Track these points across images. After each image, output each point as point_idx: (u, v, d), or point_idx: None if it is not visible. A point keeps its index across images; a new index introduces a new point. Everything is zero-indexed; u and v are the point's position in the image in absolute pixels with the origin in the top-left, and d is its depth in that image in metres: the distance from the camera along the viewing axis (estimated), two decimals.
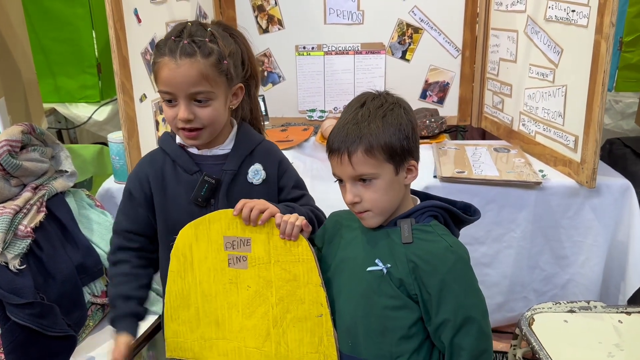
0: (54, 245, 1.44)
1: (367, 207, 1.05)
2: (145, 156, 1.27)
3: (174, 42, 1.10)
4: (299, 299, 1.10)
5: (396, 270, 1.04)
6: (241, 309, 1.13)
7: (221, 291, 1.14)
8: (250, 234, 1.09)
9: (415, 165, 1.07)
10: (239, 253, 1.11)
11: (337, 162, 1.04)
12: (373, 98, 1.07)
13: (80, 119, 2.39)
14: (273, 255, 1.10)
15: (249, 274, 1.11)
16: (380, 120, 1.02)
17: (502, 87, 2.04)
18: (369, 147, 1.01)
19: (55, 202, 1.50)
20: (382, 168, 1.03)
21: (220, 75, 1.12)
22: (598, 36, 1.49)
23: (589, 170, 1.58)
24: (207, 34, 1.12)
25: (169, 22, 1.84)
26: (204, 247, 1.13)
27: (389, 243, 1.06)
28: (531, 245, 1.73)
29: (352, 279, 1.08)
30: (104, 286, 1.55)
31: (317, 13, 2.21)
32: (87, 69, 2.34)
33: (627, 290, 1.67)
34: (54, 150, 1.59)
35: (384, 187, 1.04)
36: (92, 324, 1.52)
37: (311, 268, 1.08)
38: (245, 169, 1.21)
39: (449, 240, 1.04)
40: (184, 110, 1.11)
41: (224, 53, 1.12)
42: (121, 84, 1.57)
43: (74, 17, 2.26)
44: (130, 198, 1.23)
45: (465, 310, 1.01)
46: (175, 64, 1.09)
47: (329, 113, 2.30)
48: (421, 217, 1.08)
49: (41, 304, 1.32)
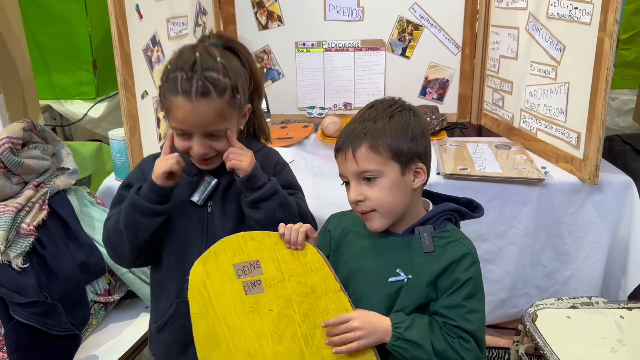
0: (56, 243, 1.43)
1: (371, 206, 1.02)
2: (149, 155, 1.25)
3: (187, 81, 1.06)
4: (324, 310, 1.06)
5: (416, 281, 1.02)
6: (269, 335, 1.09)
7: (246, 322, 1.09)
8: (257, 254, 1.07)
9: (423, 168, 1.05)
10: (251, 278, 1.07)
11: (342, 160, 1.03)
12: (383, 101, 1.06)
13: (75, 116, 2.37)
14: (285, 271, 1.06)
15: (267, 297, 1.08)
16: (387, 119, 1.02)
17: (502, 84, 2.05)
18: (374, 143, 1.00)
19: (57, 199, 1.49)
20: (386, 166, 1.01)
21: (234, 110, 1.11)
22: (602, 33, 1.50)
23: (592, 167, 1.59)
24: (219, 68, 1.08)
25: (169, 18, 1.82)
26: (217, 280, 1.09)
27: (410, 252, 1.04)
28: (533, 241, 1.74)
29: (371, 289, 1.06)
30: (107, 284, 1.55)
31: (316, 9, 2.20)
32: (82, 65, 2.32)
33: (628, 286, 1.68)
34: (55, 148, 1.58)
35: (388, 187, 1.01)
36: (95, 323, 1.51)
37: (325, 275, 1.05)
38: None
39: (467, 245, 1.04)
40: (199, 146, 1.10)
41: (236, 86, 1.10)
42: (123, 80, 1.56)
43: (69, 13, 2.24)
44: (127, 189, 1.18)
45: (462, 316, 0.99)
46: (192, 106, 1.06)
47: (328, 110, 2.29)
48: (437, 223, 1.06)
49: (45, 303, 1.32)
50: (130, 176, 1.23)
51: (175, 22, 1.86)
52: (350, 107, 2.31)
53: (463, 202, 1.11)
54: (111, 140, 1.73)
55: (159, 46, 1.75)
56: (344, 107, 2.31)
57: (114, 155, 1.74)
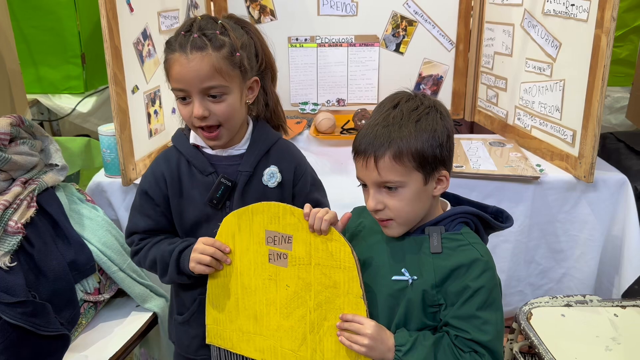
0: (45, 241, 1.40)
1: (390, 216, 0.99)
2: (159, 155, 1.22)
3: (184, 37, 1.06)
4: (338, 307, 1.05)
5: (421, 282, 0.99)
6: (279, 307, 1.10)
7: (260, 286, 1.10)
8: (292, 231, 1.05)
9: (447, 175, 1.00)
10: (279, 250, 1.07)
11: (362, 166, 0.97)
12: (407, 99, 0.99)
13: (63, 111, 2.32)
14: (314, 257, 1.05)
15: (288, 273, 1.07)
16: (413, 125, 0.95)
17: (496, 81, 2.04)
18: (398, 152, 0.94)
19: (46, 196, 1.46)
20: (410, 176, 0.96)
21: (234, 68, 1.08)
22: (598, 30, 1.49)
23: (587, 165, 1.59)
24: (217, 27, 1.08)
25: (160, 11, 1.79)
26: (246, 238, 1.09)
27: (417, 252, 1.01)
28: (528, 239, 1.73)
29: (375, 285, 1.04)
30: (97, 283, 1.52)
31: (310, 4, 2.17)
32: (70, 59, 2.28)
33: (622, 284, 1.68)
34: (43, 143, 1.55)
35: (409, 197, 0.97)
36: (84, 322, 1.48)
37: (352, 277, 1.03)
38: (261, 171, 1.17)
39: (480, 250, 0.99)
40: (198, 107, 1.07)
41: (236, 45, 1.08)
42: (113, 75, 1.53)
43: (57, 5, 2.20)
44: (147, 198, 1.19)
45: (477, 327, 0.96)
46: (187, 59, 1.05)
47: (321, 106, 2.27)
48: (451, 225, 1.02)
49: (33, 303, 1.29)
50: (145, 183, 1.20)
51: (167, 16, 1.83)
52: (343, 103, 2.29)
53: (492, 211, 1.07)
54: (101, 135, 1.69)
55: (149, 40, 1.72)
56: (337, 103, 2.29)
57: (103, 151, 1.71)
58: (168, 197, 1.18)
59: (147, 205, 1.19)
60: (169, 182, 1.17)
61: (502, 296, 1.02)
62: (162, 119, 1.83)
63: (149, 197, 1.18)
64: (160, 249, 1.17)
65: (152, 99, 1.75)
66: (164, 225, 1.21)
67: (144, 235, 1.21)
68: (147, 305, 1.56)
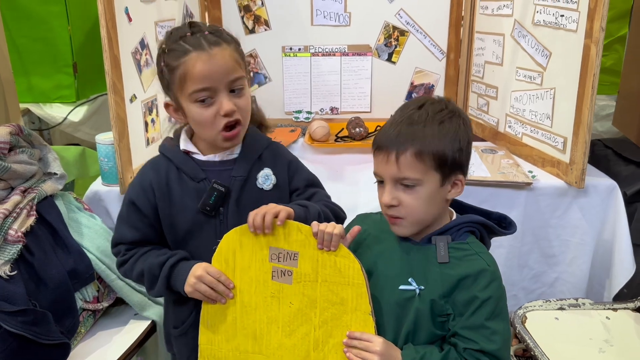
0: (44, 250, 1.40)
1: (402, 214, 1.00)
2: (146, 163, 1.21)
3: (191, 38, 1.05)
4: (345, 324, 1.04)
5: (429, 292, 1.00)
6: (281, 325, 1.08)
7: (261, 304, 1.08)
8: (299, 247, 1.04)
9: (462, 180, 1.02)
10: (284, 267, 1.05)
11: (383, 161, 0.99)
12: (433, 102, 1.02)
13: (55, 120, 2.32)
14: (321, 274, 1.04)
15: (293, 290, 1.06)
16: (436, 126, 0.98)
17: (487, 90, 2.08)
18: (420, 150, 0.97)
19: (45, 205, 1.46)
20: (428, 175, 0.98)
21: (243, 60, 1.11)
22: (588, 40, 1.53)
23: (578, 171, 1.62)
24: (211, 27, 1.10)
25: (157, 21, 1.80)
26: (248, 255, 1.07)
27: (424, 261, 1.02)
28: (521, 244, 1.76)
29: (382, 294, 1.04)
30: (96, 291, 1.52)
31: (304, 14, 2.20)
32: (62, 68, 2.28)
33: (613, 287, 1.71)
34: (42, 152, 1.55)
35: (425, 196, 0.99)
36: (83, 331, 1.48)
37: (361, 294, 1.03)
38: (255, 175, 1.16)
39: (486, 259, 1.01)
40: (227, 102, 1.06)
41: (236, 39, 1.11)
42: (112, 84, 1.54)
43: (49, 15, 2.20)
44: (135, 209, 1.16)
45: (486, 337, 0.97)
46: (209, 55, 1.04)
47: (315, 114, 2.29)
48: (457, 234, 1.04)
49: (34, 311, 1.29)
50: (132, 193, 1.18)
51: (164, 26, 1.84)
52: (337, 112, 2.31)
53: (495, 217, 1.09)
54: (98, 144, 1.70)
55: (147, 49, 1.74)
56: (330, 112, 2.32)
57: (101, 159, 1.71)
58: (157, 207, 1.15)
59: (134, 216, 1.16)
60: (157, 192, 1.15)
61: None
62: (159, 128, 1.84)
63: (137, 207, 1.16)
64: (148, 261, 1.14)
65: (149, 107, 1.77)
66: (151, 236, 1.18)
67: (130, 246, 1.19)
68: (146, 313, 1.56)
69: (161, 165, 1.17)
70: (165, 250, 1.17)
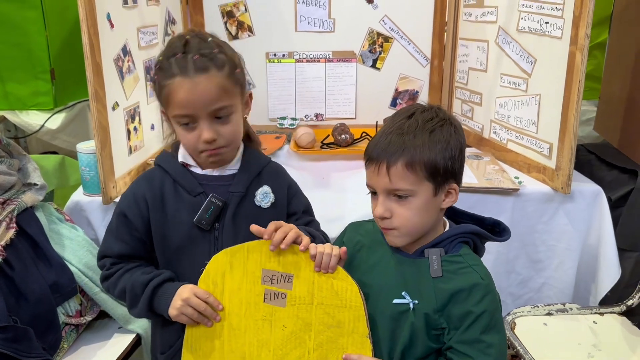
0: (25, 263, 1.36)
1: (395, 225, 0.99)
2: (140, 176, 1.18)
3: (181, 60, 1.02)
4: (341, 347, 1.02)
5: (422, 306, 0.99)
6: (273, 348, 1.04)
7: (252, 327, 1.05)
8: (294, 270, 1.02)
9: (456, 189, 1.01)
10: (277, 289, 1.03)
11: (374, 172, 0.98)
12: (423, 111, 1.01)
13: (32, 128, 2.26)
14: (317, 296, 1.02)
15: (286, 312, 1.03)
16: (427, 135, 0.97)
17: (471, 96, 2.09)
18: (411, 161, 0.95)
19: (25, 217, 1.41)
20: (420, 186, 0.97)
21: (236, 85, 1.06)
22: (573, 47, 1.54)
23: (565, 177, 1.63)
24: (212, 45, 1.05)
25: (140, 27, 1.77)
26: (239, 277, 1.04)
27: (417, 275, 1.01)
28: (508, 250, 1.76)
29: (376, 307, 1.03)
30: (78, 305, 1.47)
31: (288, 20, 2.19)
32: (39, 74, 2.22)
33: (599, 292, 1.73)
34: (21, 162, 1.51)
35: (418, 207, 0.98)
36: (66, 346, 1.44)
37: (359, 317, 1.01)
38: (253, 191, 1.14)
39: (480, 272, 1.00)
40: (207, 131, 1.03)
41: (234, 60, 1.06)
42: (94, 92, 1.50)
43: (25, 20, 2.14)
44: (125, 221, 1.13)
45: (481, 350, 0.96)
46: (192, 83, 1.01)
47: (300, 121, 2.28)
48: (450, 245, 1.02)
49: (15, 328, 1.24)
50: (123, 204, 1.15)
51: (146, 32, 1.81)
52: (321, 118, 2.30)
53: (489, 222, 1.08)
54: (80, 153, 1.66)
55: (129, 56, 1.70)
56: (315, 118, 2.30)
57: (82, 169, 1.67)
58: (148, 220, 1.12)
59: (123, 229, 1.13)
60: (150, 204, 1.12)
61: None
62: (142, 136, 1.80)
63: (127, 219, 1.13)
64: (132, 279, 1.11)
65: (131, 115, 1.73)
66: (139, 251, 1.15)
67: (116, 260, 1.15)
68: (130, 327, 1.53)
69: (155, 177, 1.14)
70: (151, 269, 1.14)
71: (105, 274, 1.15)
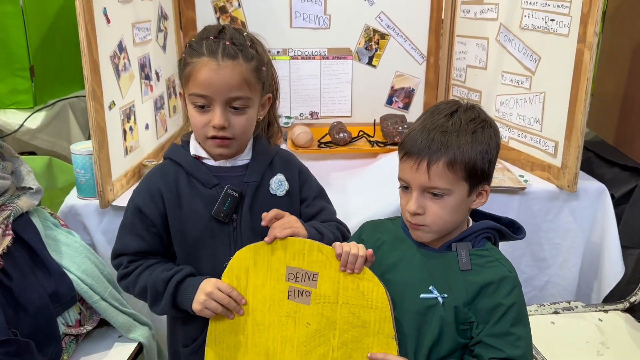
0: (23, 272, 1.29)
1: (427, 222, 0.99)
2: (152, 170, 1.16)
3: (214, 42, 1.02)
4: (366, 347, 1.02)
5: (452, 299, 0.99)
6: (296, 345, 1.04)
7: (276, 323, 1.04)
8: (318, 268, 1.01)
9: (487, 190, 1.02)
10: (302, 287, 1.02)
11: (412, 167, 0.97)
12: (465, 109, 1.00)
13: (10, 127, 2.17)
14: (342, 296, 1.01)
15: (310, 310, 1.03)
16: (470, 135, 0.97)
17: (470, 94, 2.08)
18: (453, 160, 0.95)
19: (21, 223, 1.34)
20: (457, 185, 0.97)
21: (259, 82, 1.06)
22: (581, 45, 1.54)
23: (571, 175, 1.63)
24: (246, 38, 1.06)
25: (134, 22, 1.70)
26: (263, 274, 1.03)
27: (445, 269, 1.01)
28: (513, 249, 1.75)
29: (402, 304, 1.02)
30: (78, 314, 1.41)
31: (282, 16, 2.14)
32: (18, 72, 2.14)
33: (602, 289, 1.73)
34: (14, 165, 1.42)
35: (452, 206, 0.98)
36: (66, 358, 1.37)
37: (385, 318, 1.00)
38: (267, 180, 1.14)
39: (507, 265, 1.01)
40: (219, 117, 1.03)
41: (263, 59, 1.07)
42: (92, 90, 1.43)
43: (3, 15, 2.05)
44: (141, 217, 1.11)
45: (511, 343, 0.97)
46: (217, 65, 1.01)
47: (295, 119, 2.23)
48: (476, 240, 1.03)
49: (16, 341, 1.18)
50: (138, 200, 1.12)
51: (140, 27, 1.74)
52: (317, 116, 2.26)
53: (505, 222, 1.09)
54: (74, 155, 1.58)
55: (125, 52, 1.63)
56: (310, 116, 2.26)
57: (77, 171, 1.59)
58: (165, 215, 1.11)
59: (140, 225, 1.12)
60: (166, 198, 1.11)
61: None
62: (137, 136, 1.73)
63: (144, 215, 1.11)
64: (152, 276, 1.10)
65: (127, 114, 1.66)
66: (157, 247, 1.14)
67: (133, 257, 1.13)
68: (132, 335, 1.47)
69: (169, 171, 1.13)
70: (170, 265, 1.12)
71: (123, 273, 1.14)
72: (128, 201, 1.16)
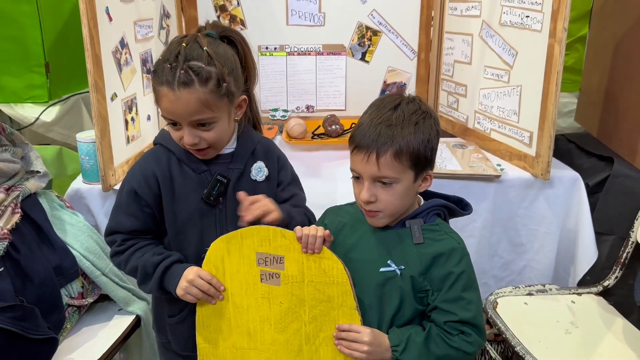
0: (30, 247, 1.41)
1: (380, 208, 1.08)
2: (146, 154, 1.24)
3: (170, 71, 1.07)
4: (333, 319, 1.12)
5: (408, 270, 1.08)
6: (273, 323, 1.14)
7: (253, 305, 1.14)
8: (284, 252, 1.10)
9: (431, 175, 1.11)
10: (271, 270, 1.11)
11: (362, 160, 1.05)
12: (408, 102, 1.08)
13: (26, 120, 2.30)
14: (307, 275, 1.11)
15: (281, 291, 1.12)
16: (413, 127, 1.04)
17: (457, 88, 2.16)
18: (399, 151, 1.03)
19: (29, 203, 1.47)
20: (404, 174, 1.05)
21: (221, 98, 1.11)
22: (552, 40, 1.62)
23: (544, 164, 1.72)
24: (203, 57, 1.09)
25: (136, 20, 1.82)
26: (236, 261, 1.13)
27: (400, 244, 1.10)
28: (490, 234, 1.85)
29: (363, 279, 1.11)
30: (80, 287, 1.53)
31: (279, 14, 2.25)
32: (34, 68, 2.25)
33: (577, 273, 1.81)
34: (24, 151, 1.56)
35: (400, 192, 1.06)
36: (69, 327, 1.50)
37: (346, 291, 1.10)
38: (249, 167, 1.23)
39: (455, 238, 1.11)
40: (188, 136, 1.12)
41: (222, 75, 1.10)
42: (94, 83, 1.56)
43: (20, 14, 2.17)
44: (136, 198, 1.19)
45: (462, 307, 1.06)
46: (174, 96, 1.08)
47: (291, 112, 2.34)
48: (427, 217, 1.13)
49: (22, 307, 1.30)
50: (133, 182, 1.20)
51: (142, 25, 1.86)
52: (312, 110, 2.37)
53: (453, 200, 1.18)
54: (79, 142, 1.71)
55: (127, 48, 1.76)
56: (306, 110, 2.37)
57: (82, 158, 1.72)
58: (159, 197, 1.19)
59: (135, 205, 1.20)
60: (161, 181, 1.19)
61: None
62: (139, 126, 1.86)
63: (138, 196, 1.19)
64: (143, 258, 1.18)
65: (129, 106, 1.79)
66: (149, 226, 1.22)
67: (127, 236, 1.21)
68: (130, 309, 1.59)
69: (162, 156, 1.21)
70: (160, 249, 1.21)
71: (116, 250, 1.22)
72: (122, 182, 1.24)
